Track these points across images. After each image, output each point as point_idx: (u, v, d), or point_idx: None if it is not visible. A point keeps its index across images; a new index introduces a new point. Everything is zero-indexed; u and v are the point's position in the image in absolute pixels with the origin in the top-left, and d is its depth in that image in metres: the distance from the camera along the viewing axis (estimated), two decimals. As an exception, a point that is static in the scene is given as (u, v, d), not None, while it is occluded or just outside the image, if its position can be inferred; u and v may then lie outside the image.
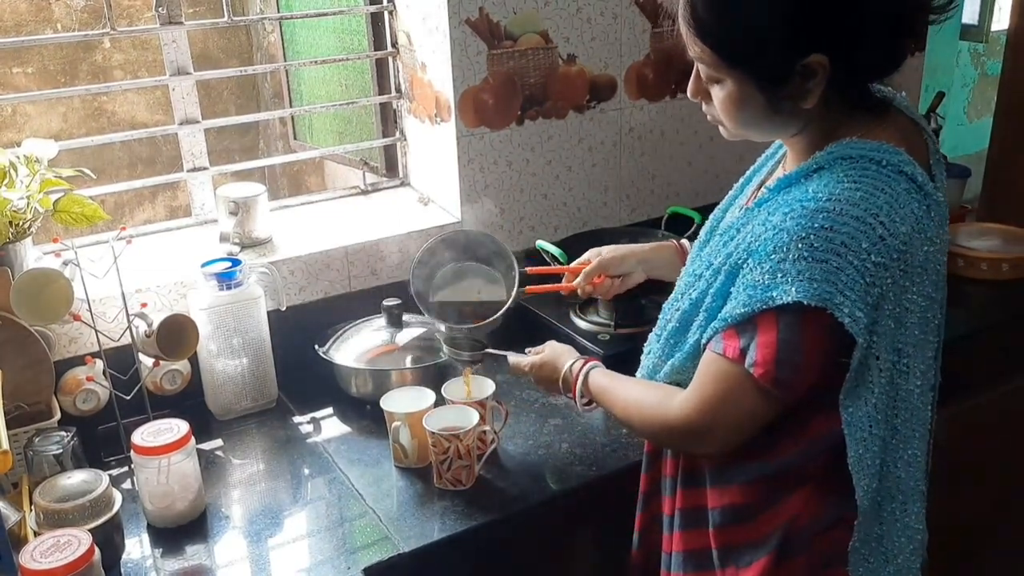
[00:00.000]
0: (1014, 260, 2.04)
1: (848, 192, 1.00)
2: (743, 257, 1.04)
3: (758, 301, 1.00)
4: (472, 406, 1.45)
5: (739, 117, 1.08)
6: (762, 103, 1.05)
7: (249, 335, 1.63)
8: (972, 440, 1.92)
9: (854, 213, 0.98)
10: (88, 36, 2.04)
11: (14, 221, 1.48)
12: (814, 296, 0.97)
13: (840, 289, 0.97)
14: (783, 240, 0.99)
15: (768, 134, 1.15)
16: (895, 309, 1.03)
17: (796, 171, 1.07)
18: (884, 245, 0.99)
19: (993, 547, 2.13)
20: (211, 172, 1.89)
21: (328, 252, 1.81)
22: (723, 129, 1.14)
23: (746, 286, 1.02)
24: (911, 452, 1.13)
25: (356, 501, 1.42)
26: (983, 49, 3.31)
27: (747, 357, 1.03)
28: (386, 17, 2.02)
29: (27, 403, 1.47)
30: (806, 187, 1.03)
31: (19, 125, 4.22)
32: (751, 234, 1.04)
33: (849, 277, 0.97)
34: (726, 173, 2.25)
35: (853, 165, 1.02)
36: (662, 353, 1.19)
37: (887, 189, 1.01)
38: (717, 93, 1.07)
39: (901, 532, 1.14)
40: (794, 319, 1.00)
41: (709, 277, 1.11)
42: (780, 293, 0.99)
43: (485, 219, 1.96)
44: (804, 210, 0.99)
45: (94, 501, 1.25)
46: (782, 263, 0.99)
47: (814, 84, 1.02)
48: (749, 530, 1.14)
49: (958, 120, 3.36)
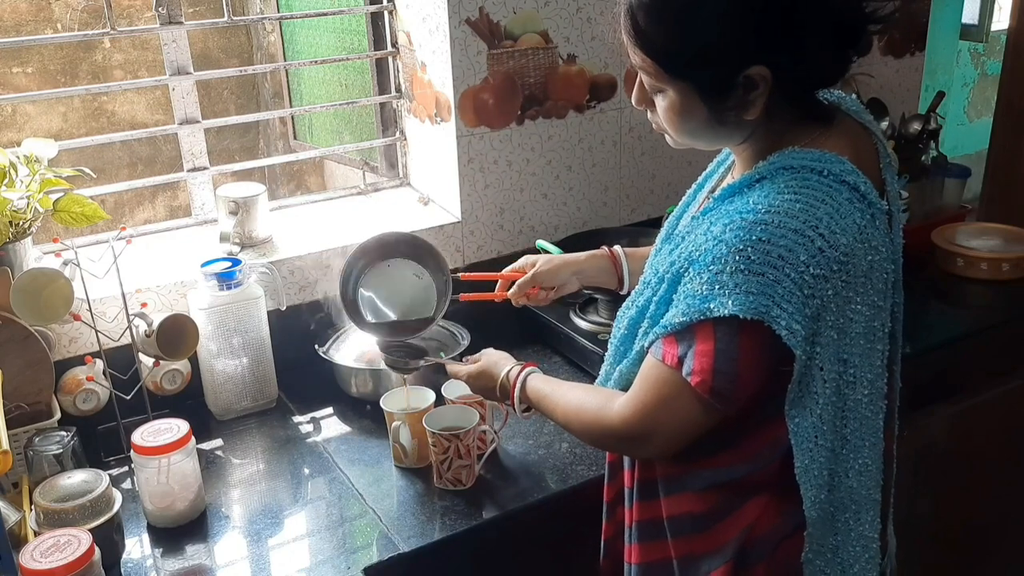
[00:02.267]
0: (1014, 260, 2.04)
1: (787, 204, 0.99)
2: (684, 266, 1.04)
3: (696, 311, 1.00)
4: (472, 406, 1.45)
5: (682, 127, 1.08)
6: (705, 114, 1.05)
7: (249, 335, 1.63)
8: (972, 440, 1.92)
9: (792, 225, 0.98)
10: (88, 36, 2.04)
11: (14, 221, 1.48)
12: (750, 309, 0.97)
13: (777, 302, 0.97)
14: (721, 252, 0.99)
15: (712, 143, 1.14)
16: (838, 320, 1.03)
17: (739, 181, 1.07)
18: (823, 257, 0.98)
19: (994, 547, 2.13)
20: (211, 172, 1.89)
21: (328, 252, 1.81)
22: (668, 138, 1.14)
23: (686, 295, 1.03)
24: (862, 462, 1.12)
25: (356, 501, 1.42)
26: (983, 49, 3.32)
27: (684, 365, 1.03)
28: (386, 17, 2.02)
29: (27, 403, 1.47)
30: (747, 198, 1.03)
31: (19, 125, 4.22)
32: (693, 243, 1.04)
33: (786, 289, 0.97)
34: (726, 173, 2.25)
35: (794, 175, 1.02)
36: (612, 359, 1.20)
37: (828, 200, 1.00)
38: (660, 103, 1.08)
39: (856, 542, 1.13)
40: (731, 330, 0.99)
41: (655, 284, 1.11)
42: (717, 305, 0.99)
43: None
44: (743, 222, 0.99)
45: (94, 501, 1.25)
46: (720, 275, 0.99)
47: (756, 96, 1.02)
48: (707, 539, 1.14)
49: (958, 120, 3.36)
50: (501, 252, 2.01)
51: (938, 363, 1.84)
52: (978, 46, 3.28)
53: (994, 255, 2.05)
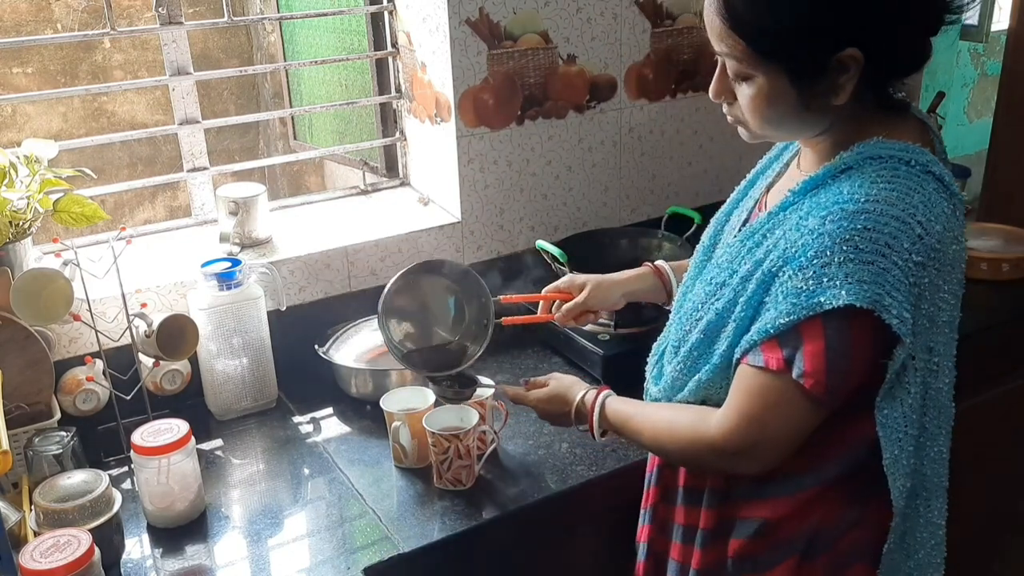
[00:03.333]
0: (1014, 260, 2.04)
1: (885, 192, 0.99)
2: (778, 264, 1.02)
3: (803, 308, 0.98)
4: (472, 406, 1.45)
5: (768, 115, 1.06)
6: (793, 100, 1.03)
7: (249, 335, 1.63)
8: (971, 440, 1.92)
9: (893, 213, 0.97)
10: (88, 36, 2.03)
11: (14, 221, 1.48)
12: (864, 298, 0.95)
13: (887, 291, 0.96)
14: (825, 244, 0.97)
15: (793, 133, 1.12)
16: (929, 308, 1.03)
17: (823, 171, 1.05)
18: (923, 244, 0.98)
19: (993, 548, 2.13)
20: (211, 172, 1.89)
21: (328, 252, 1.81)
22: (744, 131, 1.12)
23: (787, 294, 1.00)
24: (937, 449, 1.13)
25: (356, 501, 1.42)
26: (983, 49, 3.31)
27: (794, 368, 1.00)
28: (386, 17, 2.02)
29: (27, 403, 1.47)
30: (838, 188, 1.01)
31: (19, 125, 4.23)
32: (784, 240, 1.02)
33: (895, 278, 0.97)
34: (726, 173, 2.25)
35: (884, 165, 1.02)
36: (685, 368, 1.14)
37: (919, 189, 1.00)
38: (745, 91, 1.05)
39: (924, 528, 1.15)
40: (842, 324, 0.98)
41: (736, 286, 1.08)
42: (829, 298, 0.96)
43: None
44: (844, 212, 0.98)
45: (94, 501, 1.24)
46: (827, 267, 0.97)
47: (846, 80, 1.01)
48: (773, 540, 1.14)
49: (958, 120, 3.36)
50: (501, 252, 2.01)
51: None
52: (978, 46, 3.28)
53: (994, 255, 2.05)
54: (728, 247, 1.15)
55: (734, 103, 1.09)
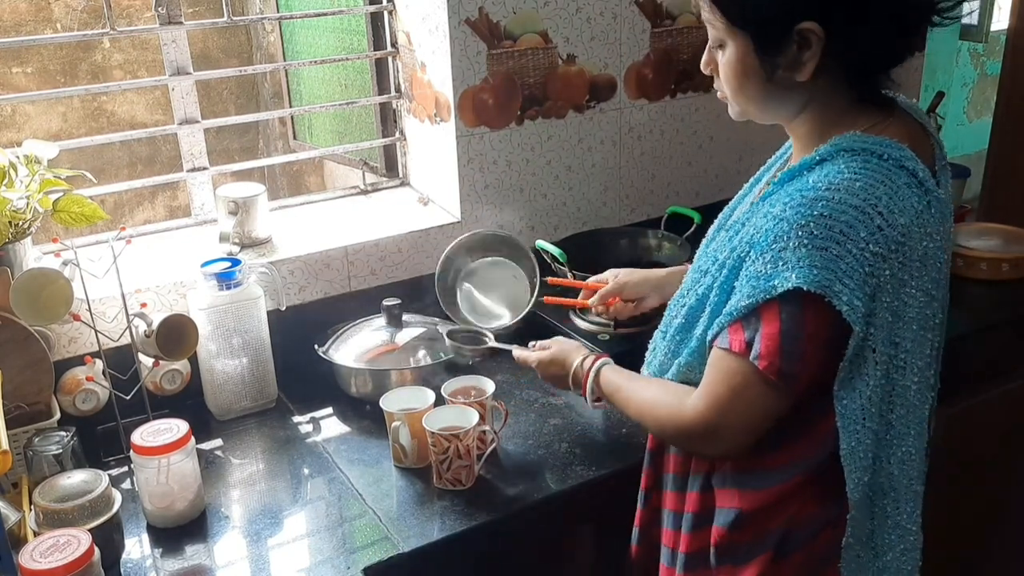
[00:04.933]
0: (1014, 260, 2.04)
1: (847, 182, 1.01)
2: (745, 250, 1.06)
3: (760, 291, 1.01)
4: (472, 406, 1.45)
5: (739, 86, 1.10)
6: (759, 70, 1.07)
7: (249, 335, 1.63)
8: (972, 440, 1.92)
9: (853, 202, 0.99)
10: (88, 36, 2.04)
11: (14, 221, 1.48)
12: (813, 282, 0.98)
13: (839, 277, 0.98)
14: (783, 229, 1.00)
15: (767, 109, 1.13)
16: (892, 302, 1.04)
17: (799, 164, 1.08)
18: (882, 235, 1.00)
19: (992, 547, 2.13)
20: (211, 172, 1.89)
21: (328, 252, 1.81)
22: (730, 107, 1.16)
23: (749, 278, 1.03)
24: (905, 450, 1.13)
25: (356, 501, 1.42)
26: (982, 49, 3.32)
27: (752, 350, 1.03)
28: (386, 17, 2.02)
29: (27, 403, 1.47)
30: (806, 179, 1.04)
31: (19, 125, 4.22)
32: (754, 227, 1.05)
33: (848, 265, 0.98)
34: (726, 173, 2.25)
35: (854, 157, 1.04)
36: (669, 351, 1.19)
37: (887, 181, 1.02)
38: (721, 60, 1.10)
39: (892, 530, 1.14)
40: (795, 308, 1.00)
41: (715, 272, 1.12)
42: (781, 281, 0.99)
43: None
44: (803, 199, 1.00)
45: (94, 501, 1.24)
46: (783, 252, 1.00)
47: (808, 56, 1.03)
48: (748, 532, 1.15)
49: (958, 120, 3.36)
50: (501, 252, 2.01)
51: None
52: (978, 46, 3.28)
53: (994, 255, 2.05)
54: (712, 239, 1.21)
55: (719, 77, 1.13)
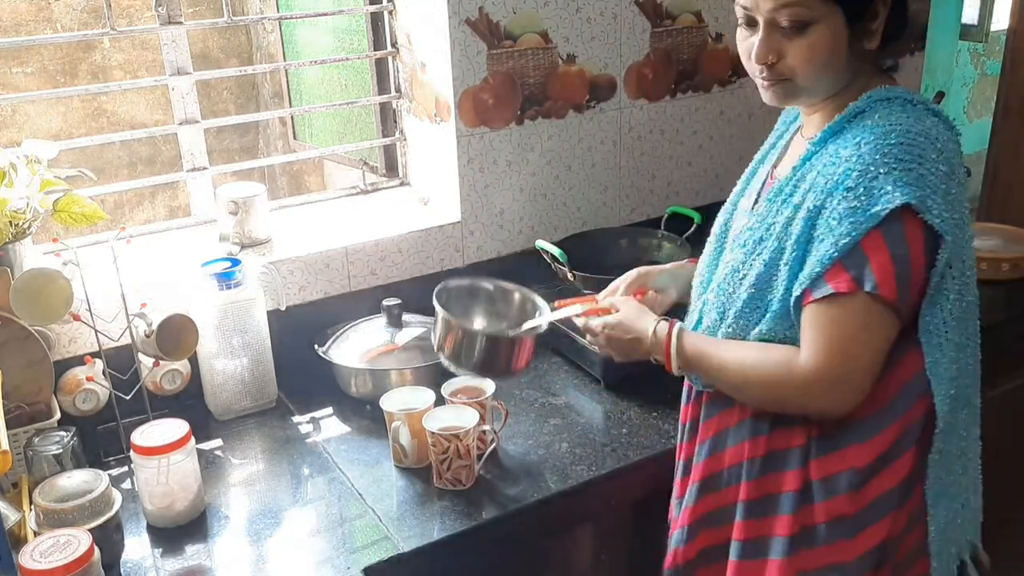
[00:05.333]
0: (1014, 260, 2.04)
1: (902, 120, 1.09)
2: (821, 199, 1.09)
3: (862, 223, 1.05)
4: (472, 406, 1.45)
5: (824, 61, 1.13)
6: (844, 43, 1.13)
7: (249, 335, 1.63)
8: (972, 440, 1.92)
9: (916, 130, 1.08)
10: (88, 36, 2.04)
11: (14, 221, 1.48)
12: (915, 196, 1.04)
13: (928, 193, 1.05)
14: (865, 162, 1.06)
15: (835, 82, 1.17)
16: (958, 218, 1.10)
17: (839, 119, 1.15)
18: (944, 158, 1.08)
19: (994, 547, 2.13)
20: (211, 172, 1.89)
21: (328, 252, 1.81)
22: (780, 90, 1.17)
23: (841, 217, 1.07)
24: (965, 360, 1.18)
25: (356, 501, 1.42)
26: (982, 49, 3.32)
27: (865, 283, 1.06)
28: (386, 17, 2.02)
29: (27, 403, 1.47)
30: (860, 126, 1.12)
31: (19, 125, 4.22)
32: (821, 176, 1.11)
33: (932, 183, 1.06)
34: (726, 173, 2.25)
35: (891, 105, 1.12)
36: (738, 330, 1.18)
37: (927, 119, 1.11)
38: (802, 42, 1.12)
39: (973, 442, 1.26)
40: (899, 232, 1.05)
41: (780, 233, 1.14)
42: (883, 204, 1.04)
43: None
44: (875, 135, 1.08)
45: (94, 501, 1.24)
46: (874, 180, 1.05)
47: (878, 24, 1.13)
48: (864, 494, 1.15)
49: (958, 120, 3.36)
50: (501, 252, 2.01)
51: (938, 363, 1.83)
52: (978, 46, 3.28)
53: (994, 255, 2.05)
54: (752, 215, 1.22)
55: (778, 62, 1.15)
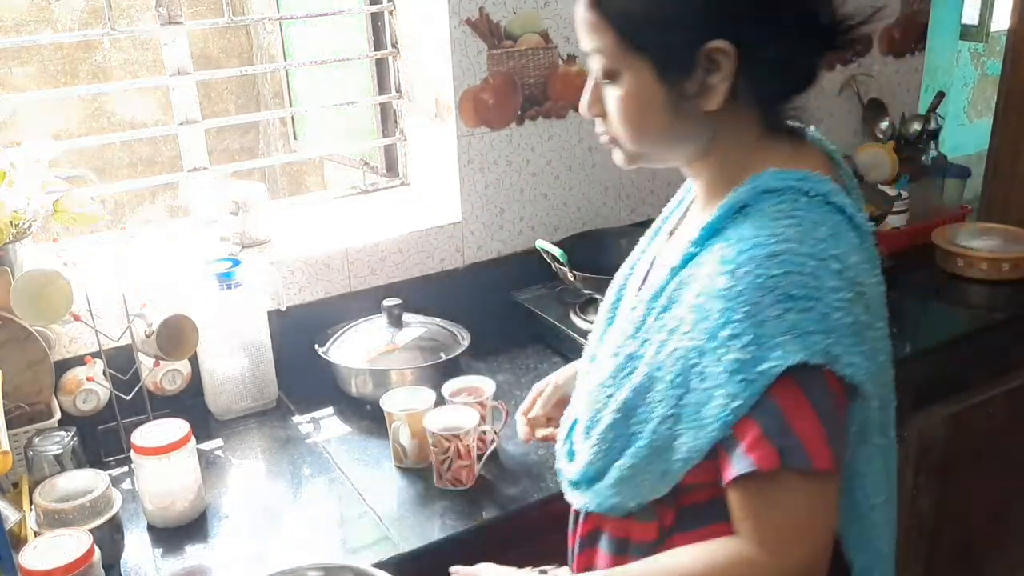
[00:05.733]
0: (1014, 260, 2.04)
1: (790, 230, 0.87)
2: (699, 339, 0.88)
3: (754, 380, 0.84)
4: (472, 406, 1.45)
5: (640, 121, 0.95)
6: (661, 100, 0.93)
7: (249, 335, 1.63)
8: (972, 440, 1.92)
9: (806, 251, 0.86)
10: (88, 36, 2.04)
11: (14, 221, 1.48)
12: (819, 349, 0.83)
13: (835, 339, 0.84)
14: (750, 300, 0.84)
15: (670, 147, 0.99)
16: (869, 349, 0.90)
17: (720, 214, 0.94)
18: (843, 279, 0.87)
19: (993, 548, 2.13)
20: (211, 172, 1.89)
21: (328, 252, 1.81)
22: (619, 152, 1.02)
23: (730, 373, 0.85)
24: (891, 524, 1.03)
25: (356, 501, 1.42)
26: (983, 49, 3.31)
27: (795, 457, 0.84)
28: (386, 17, 2.02)
29: (27, 403, 1.47)
30: (738, 235, 0.90)
31: (19, 125, 4.22)
32: (698, 308, 0.89)
33: (837, 322, 0.85)
34: (726, 173, 2.25)
35: (780, 198, 0.91)
36: (601, 452, 0.99)
37: (822, 221, 0.89)
38: (614, 94, 0.95)
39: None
40: (815, 377, 0.85)
41: (651, 357, 0.94)
42: (777, 359, 0.83)
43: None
44: (755, 260, 0.86)
45: (94, 501, 1.24)
46: (762, 326, 0.84)
47: (718, 80, 0.90)
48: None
49: (958, 120, 3.36)
50: (501, 252, 2.01)
51: (938, 363, 1.84)
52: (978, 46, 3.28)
53: (994, 255, 2.05)
54: (632, 310, 1.01)
55: (604, 118, 0.99)
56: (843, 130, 2.46)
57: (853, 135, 2.48)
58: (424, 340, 1.71)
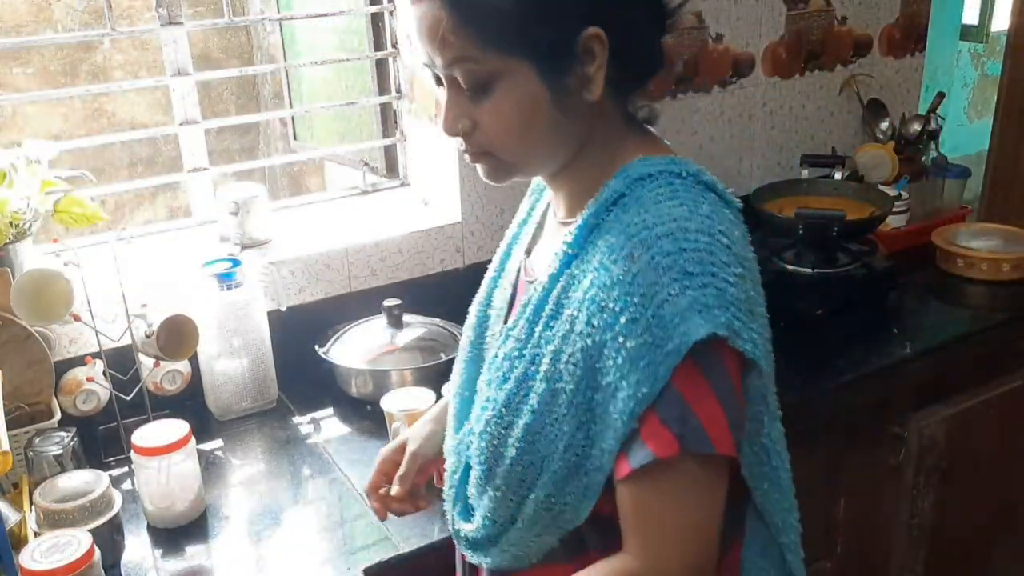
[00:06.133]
0: (1014, 260, 2.04)
1: (675, 208, 0.84)
2: (598, 334, 0.82)
3: (661, 362, 0.79)
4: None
5: (526, 127, 0.88)
6: (546, 101, 0.87)
7: (249, 335, 1.63)
8: (971, 441, 1.92)
9: (695, 226, 0.83)
10: (88, 36, 2.04)
11: (14, 222, 1.48)
12: (721, 322, 0.80)
13: (734, 313, 0.81)
14: (647, 281, 0.80)
15: (555, 151, 0.92)
16: (759, 326, 0.87)
17: (594, 209, 0.89)
18: (732, 254, 0.84)
19: (993, 548, 2.13)
20: (211, 173, 1.89)
21: (328, 252, 1.81)
22: (487, 166, 0.94)
23: (633, 360, 0.79)
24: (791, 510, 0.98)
25: (356, 501, 1.42)
26: (983, 50, 3.31)
27: (697, 441, 0.80)
28: (386, 17, 2.02)
29: (27, 403, 1.47)
30: (623, 222, 0.85)
31: (19, 125, 4.22)
32: (591, 301, 0.83)
33: (733, 296, 0.81)
34: (727, 173, 2.25)
35: (656, 183, 0.88)
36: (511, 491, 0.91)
37: (699, 199, 0.87)
38: (488, 106, 0.87)
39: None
40: (719, 364, 0.81)
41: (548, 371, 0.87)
42: (682, 335, 0.78)
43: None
44: (647, 242, 0.82)
45: (94, 501, 1.24)
46: (663, 306, 0.79)
47: (595, 69, 0.86)
48: None
49: (958, 120, 3.36)
50: (501, 252, 2.01)
51: (938, 363, 1.84)
52: (978, 47, 3.28)
53: (994, 255, 2.05)
54: (510, 332, 0.94)
55: (474, 131, 0.90)
56: (843, 130, 2.47)
57: (853, 135, 2.48)
58: (424, 340, 1.71)
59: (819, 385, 1.68)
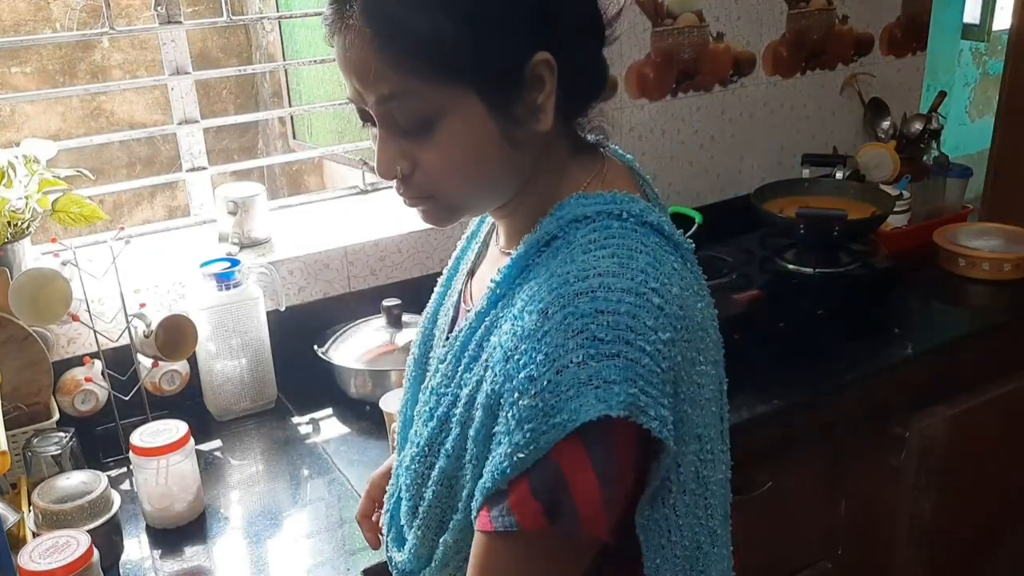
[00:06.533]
0: (1016, 260, 2.03)
1: (604, 261, 0.77)
2: (499, 382, 0.76)
3: (544, 432, 0.72)
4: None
5: (473, 166, 0.81)
6: (497, 136, 0.80)
7: (248, 335, 1.63)
8: (972, 441, 1.92)
9: (622, 285, 0.75)
10: (87, 36, 2.03)
11: (12, 221, 1.48)
12: (621, 402, 0.71)
13: (641, 388, 0.73)
14: (555, 343, 0.73)
15: (503, 187, 0.86)
16: (689, 390, 0.79)
17: (523, 251, 0.84)
18: (664, 316, 0.75)
19: (994, 549, 2.13)
20: (210, 172, 1.88)
21: (327, 252, 1.80)
22: (429, 209, 0.87)
23: (520, 419, 0.73)
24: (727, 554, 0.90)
25: (356, 502, 1.40)
26: (984, 48, 3.31)
27: (565, 517, 0.73)
28: (386, 16, 2.01)
29: (25, 404, 1.47)
30: (548, 271, 0.79)
31: (18, 125, 4.22)
32: (501, 349, 0.77)
33: (646, 368, 0.73)
34: (727, 173, 2.25)
35: (592, 226, 0.81)
36: (429, 531, 0.88)
37: (641, 248, 0.79)
38: (430, 148, 0.80)
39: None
40: (606, 445, 0.73)
41: (462, 414, 0.82)
42: (571, 413, 0.71)
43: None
44: (563, 298, 0.75)
45: (93, 502, 1.24)
46: (562, 373, 0.72)
47: (544, 97, 0.80)
48: None
49: (960, 119, 3.36)
50: (501, 252, 2.01)
51: (940, 363, 1.83)
52: (980, 45, 3.28)
53: (996, 255, 2.05)
54: (440, 364, 0.90)
55: (413, 173, 0.83)
56: (844, 130, 2.46)
57: (854, 135, 2.48)
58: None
59: (820, 385, 1.68)
